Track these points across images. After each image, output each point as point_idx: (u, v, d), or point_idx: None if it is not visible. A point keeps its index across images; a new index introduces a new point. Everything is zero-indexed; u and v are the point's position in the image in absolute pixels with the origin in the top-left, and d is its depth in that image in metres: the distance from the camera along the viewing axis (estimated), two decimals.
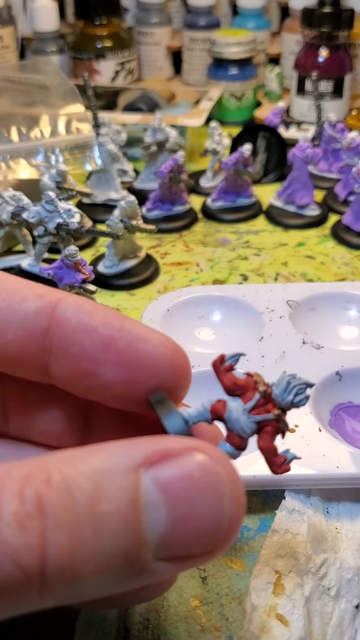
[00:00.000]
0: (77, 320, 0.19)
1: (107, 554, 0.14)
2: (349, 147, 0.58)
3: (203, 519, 0.15)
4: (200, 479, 0.15)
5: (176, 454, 0.16)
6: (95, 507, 0.14)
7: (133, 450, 0.15)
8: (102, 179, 0.59)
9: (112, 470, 0.15)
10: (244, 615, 0.26)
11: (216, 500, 0.15)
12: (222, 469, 0.16)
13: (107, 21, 0.82)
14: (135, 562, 0.15)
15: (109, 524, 0.14)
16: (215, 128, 0.61)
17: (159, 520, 0.15)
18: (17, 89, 0.65)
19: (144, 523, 0.15)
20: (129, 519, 0.15)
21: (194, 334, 0.41)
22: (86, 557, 0.14)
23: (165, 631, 0.25)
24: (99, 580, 0.15)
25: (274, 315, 0.40)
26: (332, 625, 0.25)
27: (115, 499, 0.15)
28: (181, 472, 0.15)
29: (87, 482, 0.15)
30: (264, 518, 0.30)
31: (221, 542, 0.15)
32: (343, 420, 0.34)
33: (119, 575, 0.15)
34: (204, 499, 0.15)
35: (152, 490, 0.15)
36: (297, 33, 0.80)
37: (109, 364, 0.19)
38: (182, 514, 0.15)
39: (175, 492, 0.15)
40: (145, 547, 0.15)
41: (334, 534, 0.29)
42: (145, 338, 0.19)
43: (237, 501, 0.16)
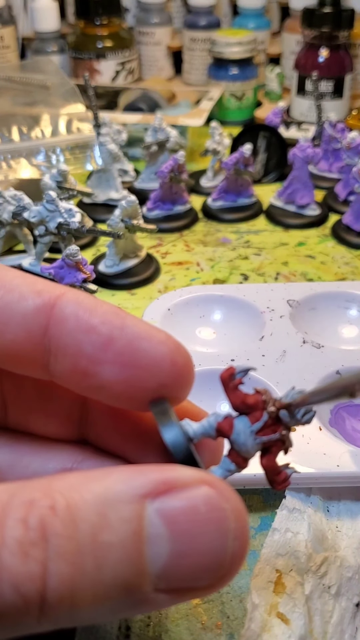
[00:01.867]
0: (76, 318, 0.18)
1: (107, 584, 0.14)
2: (349, 147, 0.58)
3: (206, 554, 0.15)
4: (206, 514, 0.15)
5: (183, 486, 0.15)
6: (98, 537, 0.14)
7: (139, 479, 0.15)
8: (103, 179, 0.59)
9: (116, 499, 0.15)
10: (244, 613, 0.26)
11: (220, 536, 0.15)
12: (228, 506, 0.15)
13: (107, 21, 0.82)
14: (135, 593, 0.15)
15: (110, 555, 0.14)
16: (215, 128, 0.61)
17: (161, 553, 0.15)
18: (17, 88, 0.65)
19: (146, 555, 0.15)
20: (131, 550, 0.15)
21: (195, 333, 0.41)
22: (86, 587, 0.14)
23: (166, 629, 0.26)
24: (97, 609, 0.15)
25: (274, 315, 0.40)
26: (332, 624, 0.26)
27: (119, 530, 0.14)
28: (187, 506, 0.15)
29: (92, 511, 0.14)
30: (265, 517, 0.30)
31: (222, 577, 0.15)
32: (343, 419, 0.34)
33: (117, 605, 0.15)
34: (208, 535, 0.15)
35: (156, 523, 0.15)
36: (297, 33, 0.80)
37: (108, 364, 0.18)
38: (184, 549, 0.15)
39: (179, 526, 0.15)
40: (146, 578, 0.15)
41: (334, 533, 0.29)
42: (145, 337, 0.18)
43: (241, 539, 0.15)
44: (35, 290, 0.19)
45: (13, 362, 0.20)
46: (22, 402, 0.22)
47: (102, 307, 0.19)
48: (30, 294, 0.19)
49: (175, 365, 0.19)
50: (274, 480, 0.19)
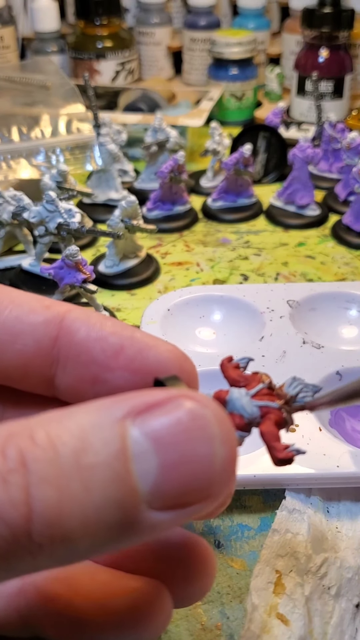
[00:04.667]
0: (87, 329, 0.19)
1: (98, 506, 0.14)
2: (349, 147, 0.58)
3: (194, 462, 0.15)
4: (189, 423, 0.15)
5: (163, 402, 0.15)
6: (82, 460, 0.14)
7: (119, 404, 0.15)
8: (103, 179, 0.59)
9: (97, 424, 0.15)
10: (244, 614, 0.26)
11: (206, 442, 0.15)
12: (209, 412, 0.15)
13: (107, 21, 0.82)
14: (129, 513, 0.15)
15: (97, 476, 0.14)
16: (215, 128, 0.61)
17: (150, 468, 0.15)
18: (17, 89, 0.65)
19: (134, 472, 0.15)
20: (118, 469, 0.14)
21: (195, 333, 0.41)
22: (75, 510, 0.14)
23: (166, 630, 0.26)
24: (93, 535, 0.14)
25: (274, 315, 0.40)
26: (332, 624, 0.26)
27: (102, 451, 0.14)
28: (169, 419, 0.15)
29: (72, 437, 0.14)
30: (265, 517, 0.30)
31: (216, 485, 0.15)
32: (343, 420, 0.34)
33: (112, 529, 0.15)
34: (193, 443, 0.15)
35: (140, 439, 0.15)
36: (297, 33, 0.80)
37: (120, 370, 0.19)
38: (172, 460, 0.15)
39: (164, 439, 0.15)
40: (138, 496, 0.15)
41: (334, 534, 0.29)
42: (154, 345, 0.19)
43: (228, 443, 0.15)
44: (44, 305, 0.20)
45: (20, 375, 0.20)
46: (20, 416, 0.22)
47: (110, 320, 0.20)
48: (40, 308, 0.20)
49: (183, 371, 0.19)
50: (273, 447, 0.18)
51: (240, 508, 0.31)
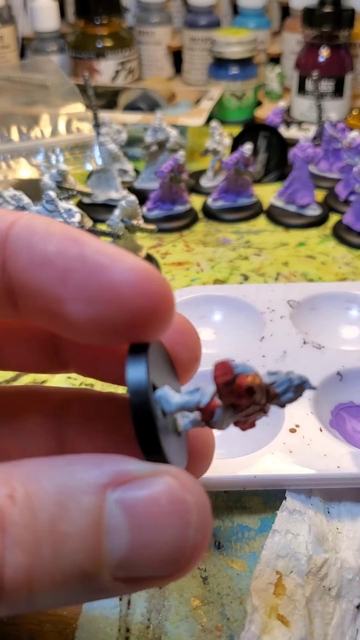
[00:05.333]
0: (30, 250, 0.16)
1: (65, 573, 0.14)
2: (350, 146, 0.58)
3: (166, 546, 0.15)
4: (167, 506, 0.15)
5: (145, 476, 0.15)
6: (57, 527, 0.14)
7: (101, 469, 0.15)
8: (103, 179, 0.59)
9: (77, 489, 0.15)
10: (244, 615, 0.26)
11: (181, 528, 0.15)
12: (190, 497, 0.15)
13: (107, 21, 0.82)
14: (92, 582, 0.15)
15: (68, 545, 0.14)
16: (215, 128, 0.60)
17: (121, 544, 0.15)
18: (17, 88, 0.65)
19: (105, 546, 0.15)
20: (90, 541, 0.14)
21: None
22: (43, 575, 0.14)
23: (166, 631, 0.25)
24: (55, 595, 0.15)
25: (274, 315, 0.40)
26: (333, 626, 0.25)
27: (78, 520, 0.14)
28: (148, 497, 0.15)
29: (51, 501, 0.14)
30: (265, 518, 0.30)
31: (182, 569, 0.15)
32: (344, 420, 0.34)
33: (75, 592, 0.15)
34: (168, 527, 0.15)
35: (117, 513, 0.15)
36: (297, 32, 0.80)
37: (70, 300, 0.16)
38: (144, 540, 0.15)
39: (139, 517, 0.15)
40: (104, 568, 0.15)
41: (335, 534, 0.29)
42: (108, 265, 0.16)
43: (203, 531, 0.15)
44: None
45: None
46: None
47: (58, 233, 0.16)
48: None
49: (144, 295, 0.16)
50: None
51: (240, 509, 0.30)
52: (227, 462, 0.30)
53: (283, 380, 0.18)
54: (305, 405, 0.33)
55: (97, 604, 0.26)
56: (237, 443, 0.32)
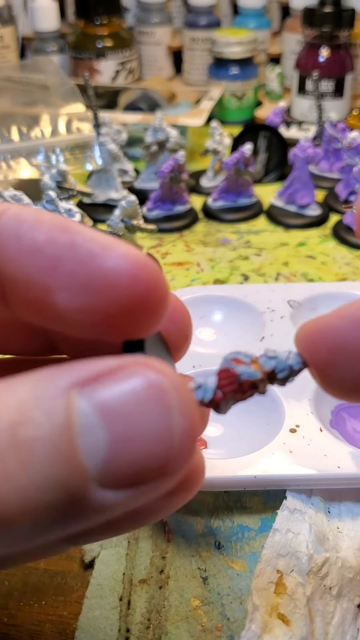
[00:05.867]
0: (19, 240, 0.16)
1: (38, 486, 0.13)
2: (350, 146, 0.58)
3: (149, 436, 0.13)
4: (142, 392, 0.13)
5: (114, 371, 0.14)
6: (19, 433, 0.13)
7: (64, 373, 0.14)
8: (103, 179, 0.59)
9: (39, 396, 0.13)
10: (245, 615, 0.26)
11: (162, 414, 0.13)
12: (166, 380, 0.14)
13: (107, 21, 0.82)
14: (76, 493, 0.13)
15: (36, 452, 0.13)
16: (216, 128, 0.60)
17: (98, 443, 0.13)
18: (17, 88, 0.65)
19: (80, 447, 0.13)
20: (61, 444, 0.13)
21: (195, 334, 0.41)
22: (12, 492, 0.13)
23: (166, 631, 0.25)
24: (34, 518, 0.13)
25: (275, 315, 0.40)
26: (333, 625, 0.25)
27: (44, 424, 0.13)
28: (120, 389, 0.13)
29: (9, 410, 0.13)
30: (265, 518, 0.30)
31: (174, 460, 0.14)
32: (344, 420, 0.34)
33: (57, 511, 0.13)
34: (148, 414, 0.13)
35: (88, 411, 0.13)
36: (298, 33, 0.80)
37: (60, 289, 0.15)
38: (124, 433, 0.13)
39: (114, 410, 0.13)
40: (85, 474, 0.13)
41: (335, 534, 0.29)
42: (99, 253, 0.15)
43: (187, 413, 0.14)
44: None
45: None
46: None
47: (47, 223, 0.16)
48: None
49: (137, 283, 0.15)
50: None
51: (240, 509, 0.30)
52: (228, 462, 0.30)
53: (284, 367, 0.17)
54: (305, 405, 0.33)
55: (97, 604, 0.26)
56: (237, 443, 0.32)
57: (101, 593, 0.27)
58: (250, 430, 0.33)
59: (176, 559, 0.28)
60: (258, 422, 0.33)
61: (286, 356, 0.17)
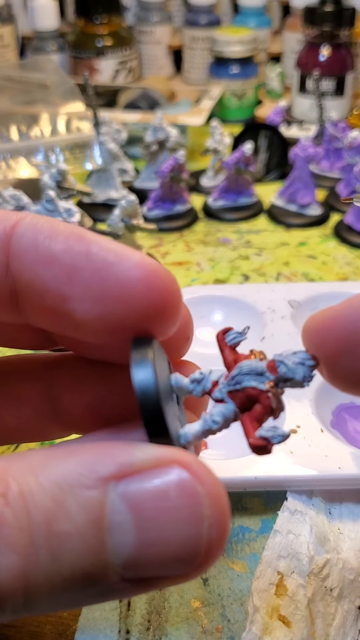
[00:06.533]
0: (36, 249, 0.16)
1: (65, 576, 0.13)
2: (351, 146, 0.57)
3: (177, 543, 0.13)
4: (177, 499, 0.13)
5: (152, 467, 0.14)
6: (53, 526, 0.13)
7: (103, 461, 0.14)
8: (103, 178, 0.59)
9: (76, 484, 0.13)
10: (245, 616, 0.26)
11: (194, 524, 0.13)
12: (203, 490, 0.14)
13: (107, 20, 0.82)
14: (98, 585, 0.14)
15: (67, 546, 0.13)
16: (216, 127, 0.60)
17: (126, 542, 0.13)
18: (17, 87, 0.64)
19: (108, 545, 0.13)
20: (91, 540, 0.13)
21: (195, 334, 0.41)
22: (40, 579, 0.13)
23: (166, 632, 0.25)
24: (58, 600, 0.14)
25: (275, 315, 0.40)
26: (334, 626, 0.25)
27: (77, 518, 0.13)
28: (155, 489, 0.13)
29: (48, 498, 0.13)
30: (266, 519, 0.30)
31: (198, 567, 0.14)
32: (345, 421, 0.34)
33: (79, 596, 0.14)
34: (179, 522, 0.13)
35: (120, 509, 0.13)
36: (298, 31, 0.79)
37: (76, 298, 0.16)
38: (152, 537, 0.13)
39: (146, 512, 0.13)
40: (110, 569, 0.13)
41: (336, 535, 0.29)
42: (115, 262, 0.16)
43: (220, 525, 0.14)
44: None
45: None
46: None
47: (63, 232, 0.16)
48: None
49: (152, 291, 0.16)
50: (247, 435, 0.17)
51: (241, 510, 0.30)
52: (228, 463, 0.30)
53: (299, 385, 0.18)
54: (306, 405, 0.33)
55: (97, 605, 0.26)
56: (238, 444, 0.32)
57: None
58: None
59: None
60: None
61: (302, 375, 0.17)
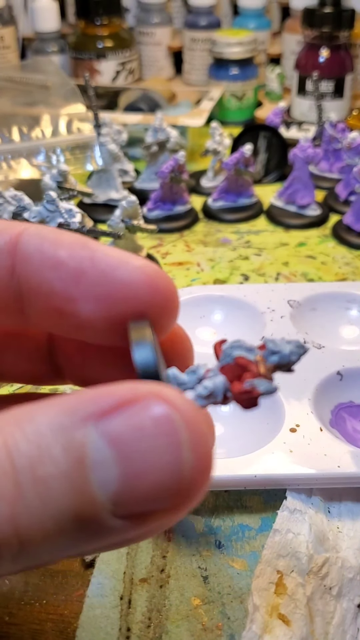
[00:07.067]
0: (41, 254, 0.17)
1: (55, 517, 0.13)
2: (350, 147, 0.58)
3: (159, 472, 0.14)
4: (153, 428, 0.14)
5: (129, 403, 0.14)
6: (38, 471, 0.13)
7: (83, 404, 0.14)
8: (103, 179, 0.59)
9: (58, 428, 0.14)
10: (245, 614, 0.26)
11: (172, 450, 0.14)
12: (178, 415, 0.14)
13: (108, 21, 0.82)
14: (90, 523, 0.14)
15: (54, 488, 0.13)
16: (216, 128, 0.61)
17: (110, 477, 0.14)
18: (18, 89, 0.65)
19: (92, 482, 0.14)
20: (75, 479, 0.13)
21: (195, 333, 0.41)
22: (32, 524, 0.13)
23: (167, 630, 0.26)
24: (53, 544, 0.14)
25: (275, 315, 0.40)
26: (334, 625, 0.26)
27: (59, 461, 0.13)
28: (132, 422, 0.14)
29: (30, 446, 0.13)
30: (265, 518, 0.30)
31: (184, 496, 0.14)
32: (344, 420, 0.34)
33: (74, 537, 0.14)
34: (158, 450, 0.14)
35: (101, 446, 0.14)
36: (297, 33, 0.80)
37: (82, 299, 0.17)
38: (134, 469, 0.14)
39: (126, 446, 0.14)
40: (98, 505, 0.14)
41: (335, 534, 0.29)
42: (118, 265, 0.17)
43: (198, 450, 0.14)
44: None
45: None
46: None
47: (67, 239, 0.17)
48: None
49: (155, 291, 0.17)
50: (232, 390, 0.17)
51: (241, 508, 0.30)
52: (228, 461, 0.30)
53: (287, 361, 0.18)
54: (305, 404, 0.33)
55: (98, 603, 0.26)
56: (238, 443, 0.32)
57: (102, 592, 0.27)
58: (251, 429, 0.33)
59: (177, 558, 0.28)
60: (258, 421, 0.33)
61: (288, 350, 0.17)
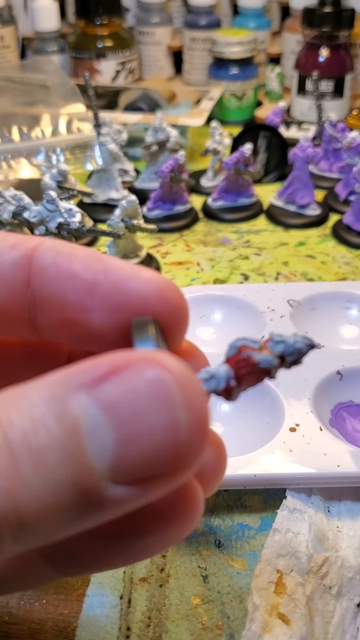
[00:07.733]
0: (56, 267, 0.18)
1: (53, 489, 0.13)
2: (350, 146, 0.58)
3: (155, 433, 0.14)
4: (145, 390, 0.14)
5: (120, 369, 0.14)
6: (32, 442, 0.13)
7: (75, 375, 0.14)
8: (103, 179, 0.59)
9: (51, 400, 0.14)
10: (245, 613, 0.26)
11: (166, 411, 0.14)
12: (169, 376, 0.14)
13: (107, 21, 0.82)
14: (89, 492, 0.14)
15: (48, 459, 0.13)
16: (216, 128, 0.61)
17: (106, 443, 0.13)
18: (18, 88, 0.65)
19: (89, 450, 0.13)
20: (71, 448, 0.13)
21: (195, 333, 0.41)
22: (30, 498, 0.13)
23: (166, 629, 0.26)
24: (54, 519, 0.14)
25: (274, 315, 0.40)
26: (333, 624, 0.26)
27: (53, 431, 0.13)
28: (125, 388, 0.14)
29: (24, 420, 0.13)
30: (265, 517, 0.30)
31: (182, 458, 0.14)
32: (344, 419, 0.34)
33: (75, 509, 0.14)
34: (152, 412, 0.14)
35: (95, 412, 0.13)
36: (297, 33, 0.80)
37: (96, 310, 0.17)
38: (130, 432, 0.13)
39: (120, 411, 0.13)
40: (95, 474, 0.13)
41: (335, 533, 0.29)
42: (131, 277, 0.17)
43: (193, 409, 0.14)
44: (9, 245, 0.18)
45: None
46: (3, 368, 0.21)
47: (81, 253, 0.18)
48: (5, 248, 0.18)
49: (166, 302, 0.18)
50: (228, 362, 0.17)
51: (240, 508, 0.31)
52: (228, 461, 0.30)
53: (292, 350, 0.18)
54: (305, 404, 0.33)
55: (98, 602, 0.26)
56: (237, 442, 0.32)
57: (102, 591, 0.27)
58: (250, 429, 0.33)
59: (176, 558, 0.28)
60: (258, 421, 0.33)
61: (293, 339, 0.18)
